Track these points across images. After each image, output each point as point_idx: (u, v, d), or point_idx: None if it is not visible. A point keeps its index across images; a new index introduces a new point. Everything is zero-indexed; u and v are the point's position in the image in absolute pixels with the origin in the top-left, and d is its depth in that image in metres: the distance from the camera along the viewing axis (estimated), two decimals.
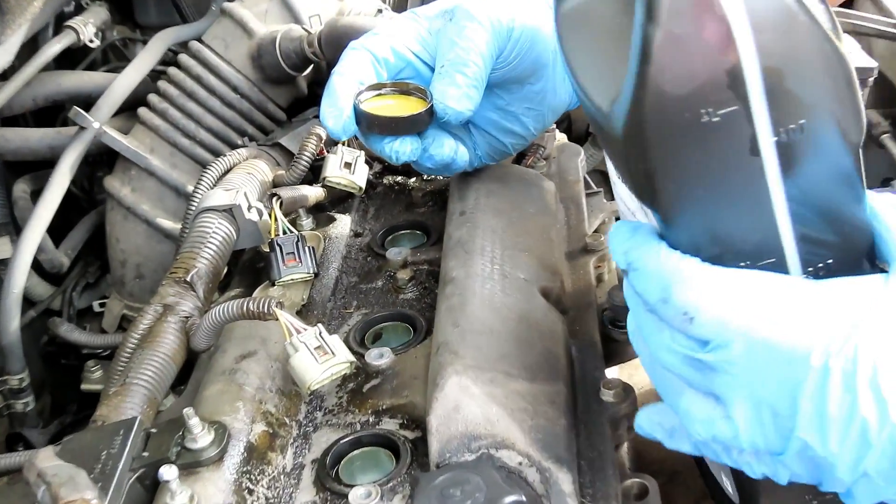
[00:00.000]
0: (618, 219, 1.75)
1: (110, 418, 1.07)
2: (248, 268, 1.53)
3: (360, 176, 1.58)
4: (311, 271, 1.37)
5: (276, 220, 1.41)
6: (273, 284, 1.36)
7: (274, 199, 1.45)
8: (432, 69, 1.32)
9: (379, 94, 1.29)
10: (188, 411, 0.99)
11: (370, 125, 1.27)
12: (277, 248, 1.37)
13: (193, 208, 1.50)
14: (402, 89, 1.30)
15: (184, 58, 1.81)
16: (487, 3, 1.30)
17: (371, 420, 1.13)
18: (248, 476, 1.02)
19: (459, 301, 1.16)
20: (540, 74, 1.38)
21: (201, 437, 1.00)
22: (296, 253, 1.37)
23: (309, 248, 1.39)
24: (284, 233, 1.40)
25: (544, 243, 1.34)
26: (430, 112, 1.28)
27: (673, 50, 0.71)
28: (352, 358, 1.11)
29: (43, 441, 1.75)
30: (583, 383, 1.13)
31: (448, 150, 1.34)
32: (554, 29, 0.92)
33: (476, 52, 1.27)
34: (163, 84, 1.82)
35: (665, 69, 0.71)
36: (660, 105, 0.72)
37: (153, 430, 1.03)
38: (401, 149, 1.30)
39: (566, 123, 3.01)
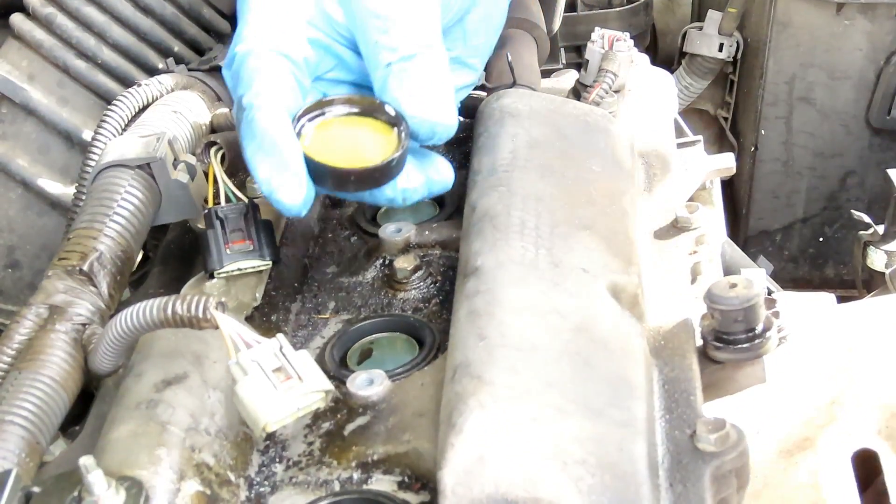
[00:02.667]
0: (721, 180, 1.76)
1: None
2: (174, 252, 1.54)
3: None
4: (269, 258, 1.39)
5: (214, 180, 1.43)
6: (212, 277, 1.38)
7: (212, 149, 1.46)
8: (356, 48, 1.32)
9: (321, 122, 1.29)
10: (87, 462, 1.01)
11: (340, 181, 1.27)
12: (218, 223, 1.39)
13: (92, 164, 1.52)
14: (350, 107, 1.30)
15: None
16: None
17: (356, 477, 1.14)
18: None
19: (487, 302, 1.17)
20: None
21: (106, 500, 1.01)
22: (245, 230, 1.39)
23: (265, 222, 1.40)
24: (229, 200, 1.42)
25: (614, 217, 1.35)
26: (408, 136, 1.28)
27: None
28: (328, 385, 1.12)
29: None
30: (671, 424, 1.15)
31: (446, 172, 1.35)
32: None
33: (430, 36, 1.27)
34: None
35: None
36: None
37: (35, 490, 1.04)
38: (403, 195, 1.31)
39: (650, 39, 3.01)
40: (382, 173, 1.27)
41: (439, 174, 1.34)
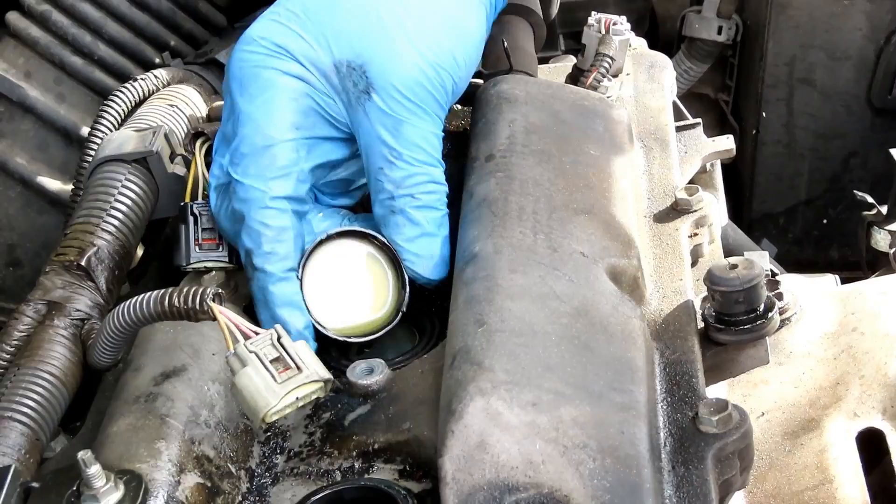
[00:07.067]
0: (724, 164, 1.75)
1: None
2: (172, 247, 1.54)
3: None
4: (235, 260, 1.37)
5: (194, 173, 1.41)
6: (179, 271, 1.38)
7: (199, 140, 1.45)
8: (351, 137, 1.36)
9: (327, 259, 1.34)
10: (86, 456, 1.00)
11: (344, 348, 1.35)
12: (191, 220, 1.37)
13: (90, 159, 1.51)
14: (354, 242, 1.35)
15: None
16: (408, 43, 1.33)
17: (357, 466, 1.14)
18: None
19: (486, 288, 1.17)
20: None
21: (105, 494, 1.00)
22: (217, 230, 1.37)
23: None
24: (207, 196, 1.40)
25: (613, 201, 1.34)
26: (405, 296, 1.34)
27: None
28: (327, 375, 1.12)
29: None
30: (673, 406, 1.14)
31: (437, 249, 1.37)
32: None
33: (432, 163, 1.35)
34: None
35: None
36: None
37: (34, 485, 1.04)
38: None
39: (648, 23, 2.99)
40: (383, 336, 1.34)
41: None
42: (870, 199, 2.15)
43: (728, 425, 1.09)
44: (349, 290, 1.34)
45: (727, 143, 1.64)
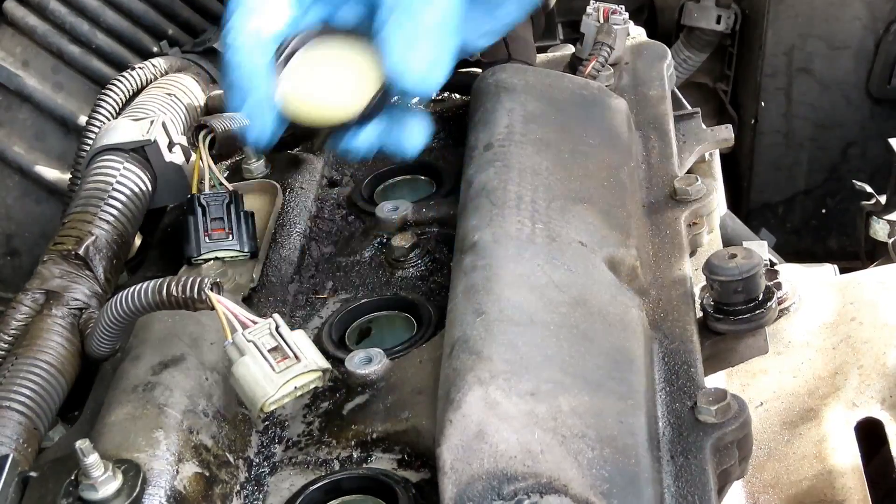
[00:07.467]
0: (722, 153, 1.75)
1: None
2: (171, 236, 1.54)
3: None
4: (246, 249, 1.37)
5: (199, 165, 1.41)
6: (189, 263, 1.38)
7: (202, 133, 1.45)
8: None
9: (311, 51, 1.27)
10: (84, 445, 1.00)
11: (304, 132, 1.33)
12: (199, 210, 1.37)
13: (87, 148, 1.51)
14: (335, 42, 1.28)
15: None
16: None
17: (355, 456, 1.14)
18: None
19: (484, 278, 1.16)
20: None
21: (103, 484, 1.00)
22: (226, 219, 1.38)
23: (246, 213, 1.39)
24: (213, 187, 1.41)
25: (611, 191, 1.34)
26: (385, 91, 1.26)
27: None
28: (326, 364, 1.12)
29: None
30: (671, 396, 1.14)
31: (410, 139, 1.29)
32: None
33: None
34: None
35: None
36: None
37: (32, 474, 1.05)
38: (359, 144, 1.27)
39: (647, 12, 2.99)
40: (345, 127, 1.25)
41: (400, 141, 1.30)
42: (868, 189, 2.15)
43: (727, 415, 1.09)
44: (323, 78, 1.27)
45: (726, 132, 1.63)
